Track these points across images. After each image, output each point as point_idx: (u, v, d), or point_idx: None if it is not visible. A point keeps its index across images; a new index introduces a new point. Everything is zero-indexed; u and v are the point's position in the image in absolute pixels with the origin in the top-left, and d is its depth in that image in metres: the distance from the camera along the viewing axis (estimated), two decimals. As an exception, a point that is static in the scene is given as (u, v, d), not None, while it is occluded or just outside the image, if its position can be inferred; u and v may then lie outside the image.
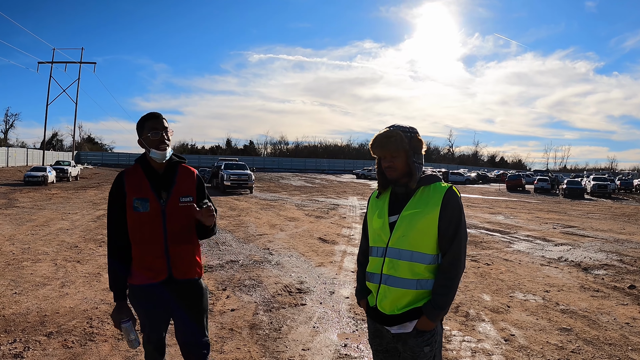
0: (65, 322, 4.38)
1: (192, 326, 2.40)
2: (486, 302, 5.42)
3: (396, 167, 2.05)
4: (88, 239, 9.10)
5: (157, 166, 2.38)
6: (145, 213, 2.29)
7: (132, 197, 2.31)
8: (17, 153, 47.02)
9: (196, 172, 2.50)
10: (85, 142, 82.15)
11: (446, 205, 1.98)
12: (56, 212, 13.40)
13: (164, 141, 2.32)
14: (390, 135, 2.04)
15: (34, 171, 27.71)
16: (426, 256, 2.00)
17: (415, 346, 2.00)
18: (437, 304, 1.96)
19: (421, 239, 1.99)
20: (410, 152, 2.05)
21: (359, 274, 2.32)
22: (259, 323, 4.58)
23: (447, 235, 1.98)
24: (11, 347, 3.75)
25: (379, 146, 2.07)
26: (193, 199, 2.37)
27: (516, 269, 7.39)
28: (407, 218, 2.01)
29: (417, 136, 2.08)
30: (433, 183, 2.07)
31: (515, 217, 16.18)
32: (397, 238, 2.02)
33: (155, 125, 2.33)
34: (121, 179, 2.36)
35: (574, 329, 4.56)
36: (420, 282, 2.00)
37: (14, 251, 7.58)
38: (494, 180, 57.25)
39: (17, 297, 5.07)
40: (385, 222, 2.08)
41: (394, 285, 2.02)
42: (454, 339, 4.21)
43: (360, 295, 2.28)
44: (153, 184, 2.34)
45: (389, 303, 2.03)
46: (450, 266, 1.99)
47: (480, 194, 32.37)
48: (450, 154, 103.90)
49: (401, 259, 2.00)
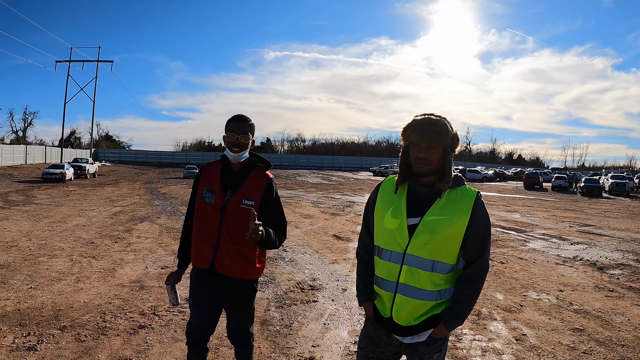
0: (79, 316, 4.45)
1: (232, 318, 2.60)
2: (499, 301, 5.36)
3: (431, 161, 1.82)
4: (104, 235, 9.24)
5: (233, 165, 2.51)
6: (209, 204, 2.46)
7: (203, 187, 2.51)
8: (36, 151, 47.87)
9: (269, 179, 2.53)
10: (103, 139, 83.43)
11: (476, 214, 1.82)
12: (73, 209, 13.64)
13: (237, 144, 2.42)
14: (435, 124, 1.82)
15: (52, 168, 28.23)
16: (446, 266, 1.84)
17: (426, 354, 1.88)
18: (457, 313, 1.84)
19: (445, 248, 1.82)
20: (449, 149, 1.85)
21: (361, 272, 2.10)
22: (270, 319, 4.60)
23: (476, 244, 1.84)
24: (25, 340, 3.82)
25: (418, 132, 1.82)
26: (256, 204, 2.44)
27: (530, 267, 7.29)
28: (432, 224, 1.81)
29: (457, 133, 1.90)
30: (459, 186, 1.88)
31: (532, 215, 15.97)
32: (418, 245, 1.82)
33: (234, 127, 2.44)
34: (201, 170, 2.61)
35: (586, 330, 4.49)
36: (441, 293, 1.86)
37: (30, 247, 7.73)
38: (512, 178, 56.54)
39: (33, 292, 5.17)
40: (403, 224, 1.86)
41: (414, 296, 1.84)
42: (465, 338, 4.18)
43: (364, 296, 2.06)
44: (224, 180, 2.49)
45: (406, 314, 1.86)
46: (477, 277, 1.86)
47: (497, 191, 32.02)
48: (468, 152, 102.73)
49: (423, 268, 1.82)
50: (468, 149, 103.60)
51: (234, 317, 2.58)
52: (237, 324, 2.59)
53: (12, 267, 6.25)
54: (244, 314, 2.57)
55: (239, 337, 2.62)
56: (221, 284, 2.48)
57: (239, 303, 2.54)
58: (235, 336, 2.63)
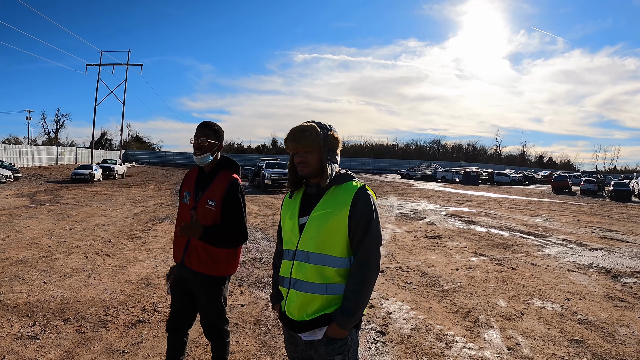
0: (83, 309, 4.66)
1: (201, 312, 2.79)
2: (500, 308, 5.29)
3: (309, 163, 1.96)
4: (122, 234, 9.54)
5: (205, 168, 2.75)
6: (186, 204, 2.73)
7: (184, 189, 2.80)
8: (67, 152, 49.62)
9: (233, 180, 2.69)
10: (134, 141, 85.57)
11: (356, 205, 1.89)
12: (97, 209, 14.11)
13: (198, 147, 2.65)
14: (304, 129, 1.95)
15: (80, 169, 29.19)
16: (336, 259, 1.90)
17: (326, 354, 1.91)
18: (346, 310, 1.85)
19: (331, 241, 1.89)
20: (325, 149, 1.97)
21: (274, 278, 2.22)
22: (265, 319, 4.69)
23: (357, 236, 1.89)
24: (30, 329, 4.08)
25: (292, 140, 1.96)
26: (217, 204, 2.62)
27: (541, 274, 7.15)
28: (317, 219, 1.92)
29: (333, 133, 2.00)
30: (345, 182, 1.97)
31: (555, 219, 15.58)
32: (305, 240, 1.93)
33: (197, 132, 2.67)
34: (185, 174, 2.90)
35: (585, 341, 4.35)
36: (331, 287, 1.90)
37: (50, 244, 8.08)
38: (541, 181, 55.33)
39: (45, 286, 5.43)
40: (295, 224, 1.99)
41: (302, 289, 1.92)
42: (455, 345, 4.14)
43: (274, 299, 2.17)
44: (198, 183, 2.74)
45: (297, 308, 1.93)
46: (359, 269, 1.88)
47: (525, 195, 31.34)
48: (497, 154, 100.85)
49: (309, 262, 1.91)
50: (498, 152, 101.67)
51: (202, 311, 2.78)
52: (205, 318, 2.77)
53: (29, 263, 6.56)
54: (210, 308, 2.74)
55: (210, 330, 2.80)
56: (191, 277, 2.70)
57: (204, 297, 2.72)
58: (206, 329, 2.81)
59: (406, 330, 4.49)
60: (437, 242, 10.01)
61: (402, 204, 20.04)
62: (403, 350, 3.99)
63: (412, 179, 51.44)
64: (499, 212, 17.62)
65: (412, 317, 4.89)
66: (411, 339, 4.26)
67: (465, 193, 30.32)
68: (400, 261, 7.84)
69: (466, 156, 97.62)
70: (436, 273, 7.01)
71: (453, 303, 5.46)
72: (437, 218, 14.75)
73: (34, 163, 39.69)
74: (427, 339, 4.28)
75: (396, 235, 10.92)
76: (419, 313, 5.04)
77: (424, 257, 8.24)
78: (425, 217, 14.98)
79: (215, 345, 2.83)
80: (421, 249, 9.10)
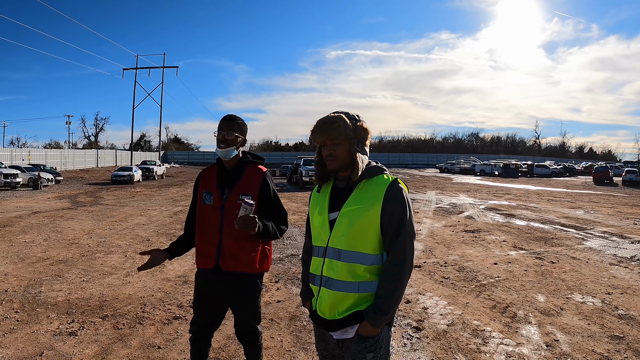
0: (121, 307, 4.82)
1: (238, 316, 2.65)
2: (538, 304, 5.12)
3: (337, 156, 1.88)
4: (161, 233, 9.80)
5: (226, 164, 2.63)
6: (209, 205, 2.57)
7: (202, 190, 2.62)
8: (107, 154, 51.42)
9: (265, 172, 2.63)
10: (172, 142, 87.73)
11: (388, 200, 1.81)
12: (136, 209, 14.54)
13: (223, 141, 2.54)
14: (332, 121, 1.87)
15: (120, 171, 30.22)
16: (367, 256, 1.83)
17: (357, 352, 1.86)
18: (378, 308, 1.80)
19: (362, 238, 1.82)
20: (354, 141, 1.89)
21: (304, 274, 2.16)
22: (300, 315, 4.71)
23: (390, 233, 1.81)
24: (68, 326, 4.25)
25: (319, 132, 1.89)
26: (254, 198, 2.50)
27: (582, 268, 6.88)
28: (347, 215, 1.84)
29: (362, 124, 1.91)
30: (376, 176, 1.89)
31: (596, 211, 14.96)
32: (336, 237, 1.86)
33: (222, 125, 2.57)
34: (199, 175, 2.74)
35: (626, 338, 4.16)
36: (363, 285, 1.84)
37: (90, 244, 8.39)
38: (581, 172, 53.28)
39: (84, 284, 5.64)
40: (325, 220, 1.92)
41: (334, 288, 1.86)
42: (492, 341, 4.04)
43: (304, 296, 2.13)
44: (220, 180, 2.60)
45: (329, 307, 1.88)
46: (393, 267, 1.81)
47: (565, 187, 30.24)
48: (537, 146, 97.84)
49: (340, 259, 1.84)
50: (537, 144, 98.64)
51: (240, 314, 2.64)
52: (243, 322, 2.65)
53: (69, 262, 6.84)
54: (249, 310, 2.62)
55: (247, 335, 2.68)
56: (227, 281, 2.56)
57: (244, 299, 2.59)
58: (242, 334, 2.69)
59: (442, 326, 4.42)
60: (476, 236, 9.81)
61: (440, 198, 19.72)
62: (438, 346, 3.93)
63: (451, 172, 50.78)
64: (538, 204, 17.08)
65: (448, 313, 4.81)
66: (447, 335, 4.19)
67: (505, 186, 29.55)
68: (437, 256, 7.73)
69: (505, 149, 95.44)
70: (474, 268, 6.88)
71: (491, 298, 5.34)
72: (475, 212, 14.45)
73: (75, 166, 41.27)
74: (464, 334, 4.20)
75: (434, 229, 10.78)
76: (455, 308, 4.95)
77: (462, 252, 8.10)
78: (463, 211, 14.71)
79: (251, 349, 2.72)
80: (459, 244, 8.94)
